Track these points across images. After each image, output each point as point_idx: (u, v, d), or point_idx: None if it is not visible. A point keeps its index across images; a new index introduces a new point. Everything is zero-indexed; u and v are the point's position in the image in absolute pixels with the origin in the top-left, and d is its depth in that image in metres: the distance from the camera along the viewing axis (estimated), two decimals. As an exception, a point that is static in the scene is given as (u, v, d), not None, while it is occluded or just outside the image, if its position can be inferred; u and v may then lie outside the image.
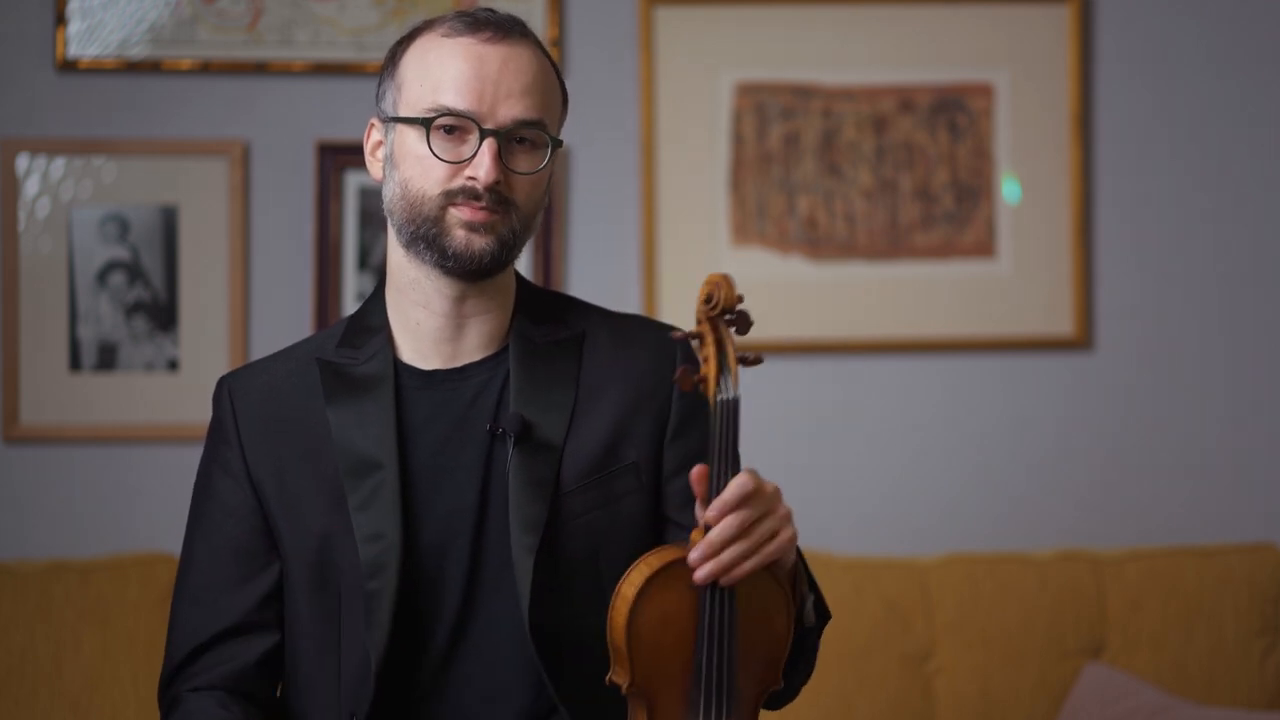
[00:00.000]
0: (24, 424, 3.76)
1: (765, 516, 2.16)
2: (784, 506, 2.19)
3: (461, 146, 2.29)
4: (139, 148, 3.79)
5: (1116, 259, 3.96)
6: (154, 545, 3.64)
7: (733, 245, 3.90)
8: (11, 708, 3.47)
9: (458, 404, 2.35)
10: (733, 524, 2.13)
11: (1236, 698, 3.69)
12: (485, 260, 2.30)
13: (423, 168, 2.29)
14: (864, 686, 3.64)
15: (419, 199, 2.30)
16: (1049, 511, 3.94)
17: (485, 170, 2.27)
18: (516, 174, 2.30)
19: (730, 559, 2.13)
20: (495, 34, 2.30)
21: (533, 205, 2.33)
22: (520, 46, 2.31)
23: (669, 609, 2.16)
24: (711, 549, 2.13)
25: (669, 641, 2.17)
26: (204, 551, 2.38)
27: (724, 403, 2.17)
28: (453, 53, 2.30)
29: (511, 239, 2.31)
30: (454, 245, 2.29)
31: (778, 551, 2.16)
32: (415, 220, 2.31)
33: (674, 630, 2.17)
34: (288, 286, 3.82)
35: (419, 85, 2.30)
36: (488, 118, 2.28)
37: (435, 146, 2.29)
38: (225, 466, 2.38)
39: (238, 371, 2.45)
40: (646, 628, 2.16)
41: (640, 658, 2.17)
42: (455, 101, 2.28)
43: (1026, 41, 3.93)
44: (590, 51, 3.87)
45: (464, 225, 2.29)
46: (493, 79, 2.28)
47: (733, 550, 2.13)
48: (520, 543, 2.28)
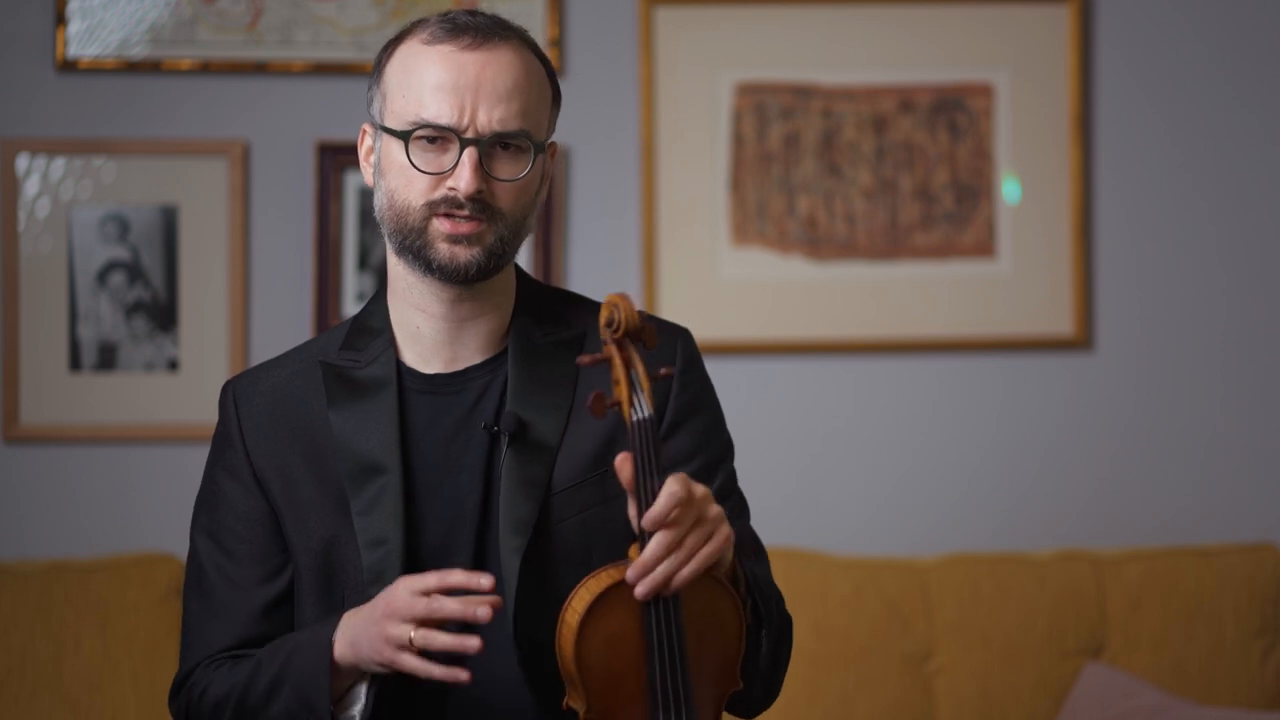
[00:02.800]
0: (24, 424, 3.76)
1: (698, 523, 2.15)
2: (714, 507, 2.18)
3: (443, 157, 2.28)
4: (139, 148, 3.79)
5: (1116, 259, 3.96)
6: (154, 545, 3.64)
7: (733, 245, 3.90)
8: (11, 707, 3.46)
9: (459, 407, 2.35)
10: (664, 539, 2.12)
11: (1236, 698, 3.69)
12: (471, 271, 2.29)
13: (405, 178, 2.29)
14: (864, 686, 3.64)
15: (404, 210, 2.30)
16: (1049, 511, 3.94)
17: (465, 181, 2.26)
18: (499, 181, 2.29)
19: (666, 572, 2.13)
20: (475, 39, 2.29)
21: (520, 210, 2.31)
22: (501, 50, 2.29)
23: (615, 630, 2.16)
24: (646, 566, 2.12)
25: (619, 662, 2.17)
26: (216, 556, 2.37)
27: (639, 422, 2.17)
28: (431, 61, 2.29)
29: (499, 246, 2.30)
30: (438, 258, 2.29)
31: (712, 556, 2.15)
32: (401, 231, 2.30)
33: (623, 650, 2.17)
34: (288, 286, 3.82)
35: (401, 96, 2.30)
36: (467, 128, 2.26)
37: (415, 158, 2.28)
38: (232, 471, 2.38)
39: (242, 375, 2.45)
40: (595, 652, 2.16)
41: (593, 682, 2.17)
42: (435, 114, 2.27)
43: (1026, 41, 3.93)
44: (590, 51, 3.87)
45: (446, 239, 2.28)
46: (471, 88, 2.27)
47: (668, 563, 2.13)
48: (508, 544, 2.28)
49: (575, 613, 2.17)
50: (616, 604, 2.16)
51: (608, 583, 2.17)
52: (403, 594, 2.19)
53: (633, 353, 2.20)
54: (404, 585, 2.19)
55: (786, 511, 3.86)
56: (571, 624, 2.17)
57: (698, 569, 2.14)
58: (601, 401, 2.17)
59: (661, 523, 2.12)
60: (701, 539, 2.15)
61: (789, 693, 3.48)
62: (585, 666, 2.16)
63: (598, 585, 2.17)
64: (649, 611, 2.15)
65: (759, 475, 3.75)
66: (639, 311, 2.20)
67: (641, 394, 2.18)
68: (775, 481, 3.85)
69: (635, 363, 2.20)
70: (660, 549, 2.12)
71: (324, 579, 2.32)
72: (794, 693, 3.56)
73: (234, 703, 2.31)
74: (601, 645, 2.16)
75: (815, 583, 3.65)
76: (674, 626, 2.15)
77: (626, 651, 2.17)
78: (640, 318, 2.20)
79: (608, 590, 2.17)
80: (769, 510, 3.62)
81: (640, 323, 2.19)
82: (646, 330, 2.20)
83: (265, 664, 2.30)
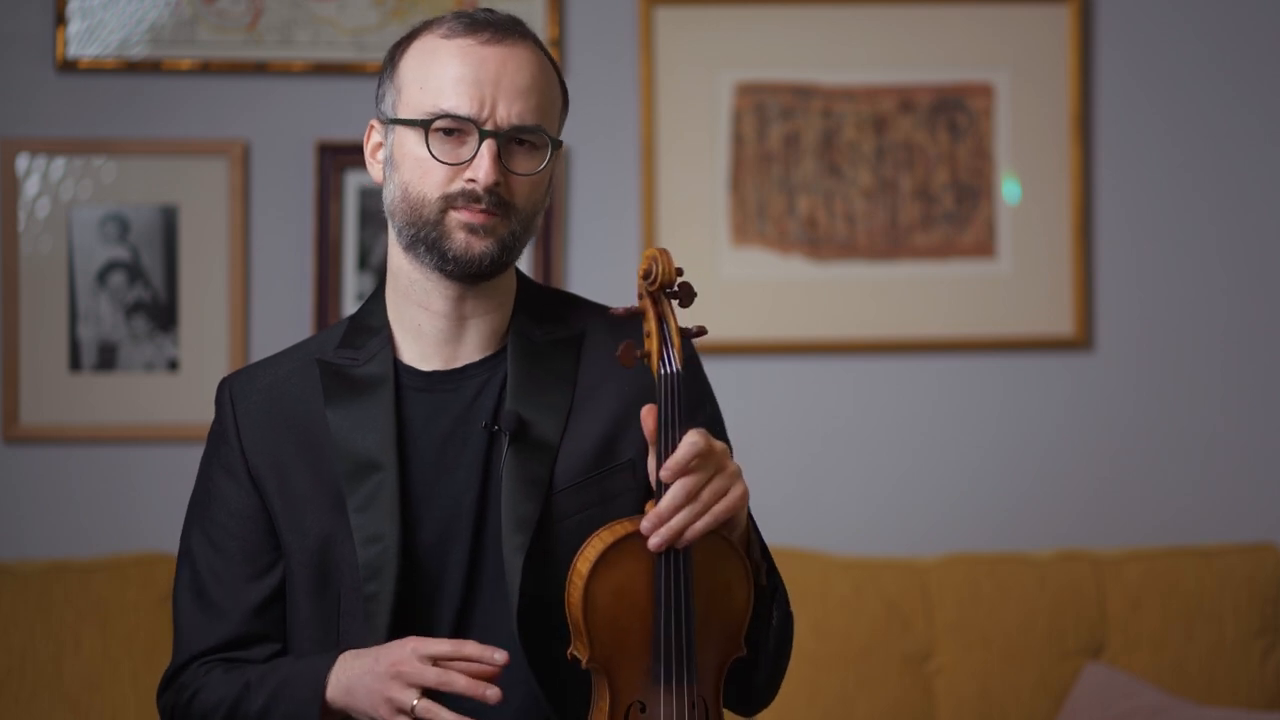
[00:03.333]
0: (24, 424, 3.76)
1: (715, 476, 2.17)
2: (733, 464, 2.20)
3: (461, 149, 2.29)
4: (139, 148, 3.79)
5: (1116, 259, 3.96)
6: (154, 545, 3.64)
7: (733, 245, 3.90)
8: (11, 707, 3.47)
9: (457, 405, 2.35)
10: (681, 489, 2.14)
11: (1236, 698, 3.69)
12: (485, 263, 2.30)
13: (422, 170, 2.29)
14: (864, 686, 3.64)
15: (419, 202, 2.30)
16: (1049, 511, 3.94)
17: (484, 172, 2.27)
18: (516, 175, 2.30)
19: (682, 522, 2.14)
20: (494, 35, 2.30)
21: (532, 206, 2.33)
22: (519, 47, 2.31)
23: (625, 581, 2.18)
24: (662, 516, 2.14)
25: (627, 614, 2.18)
26: (209, 553, 2.38)
27: (666, 376, 2.18)
28: (451, 55, 2.30)
29: (512, 241, 2.31)
30: (454, 248, 2.29)
31: (728, 510, 2.17)
32: (416, 223, 2.30)
33: (631, 602, 2.18)
34: (288, 286, 3.82)
35: (418, 88, 2.30)
36: (487, 120, 2.28)
37: (434, 149, 2.29)
38: (227, 468, 2.38)
39: (239, 373, 2.45)
40: (603, 601, 2.17)
41: (598, 632, 2.18)
42: (454, 105, 2.28)
43: (1026, 41, 3.93)
44: (590, 51, 3.87)
45: (464, 228, 2.29)
46: (491, 81, 2.28)
47: (684, 514, 2.15)
48: (511, 542, 2.28)
49: (587, 560, 2.18)
50: (628, 555, 2.17)
51: (621, 533, 2.18)
52: (411, 657, 2.19)
53: (666, 307, 2.21)
54: (412, 647, 2.20)
55: (787, 511, 3.86)
56: (582, 571, 2.17)
57: (712, 522, 2.16)
58: (631, 352, 2.18)
59: (682, 470, 2.13)
60: (718, 493, 2.16)
61: (789, 692, 3.48)
62: (592, 615, 2.17)
63: (611, 535, 2.19)
64: (660, 564, 2.16)
65: (759, 475, 3.74)
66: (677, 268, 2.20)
67: (672, 349, 2.19)
68: (775, 481, 3.85)
69: (669, 316, 2.21)
70: (677, 500, 2.14)
71: (320, 576, 2.32)
72: (794, 693, 3.56)
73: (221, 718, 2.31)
74: (610, 595, 2.17)
75: (815, 583, 3.65)
76: (684, 581, 2.16)
77: (635, 603, 2.18)
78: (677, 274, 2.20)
79: (621, 540, 2.18)
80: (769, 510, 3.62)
81: (677, 277, 2.20)
82: (684, 286, 2.21)
83: (255, 688, 2.30)
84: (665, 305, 2.21)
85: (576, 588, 2.18)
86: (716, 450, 2.17)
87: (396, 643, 2.22)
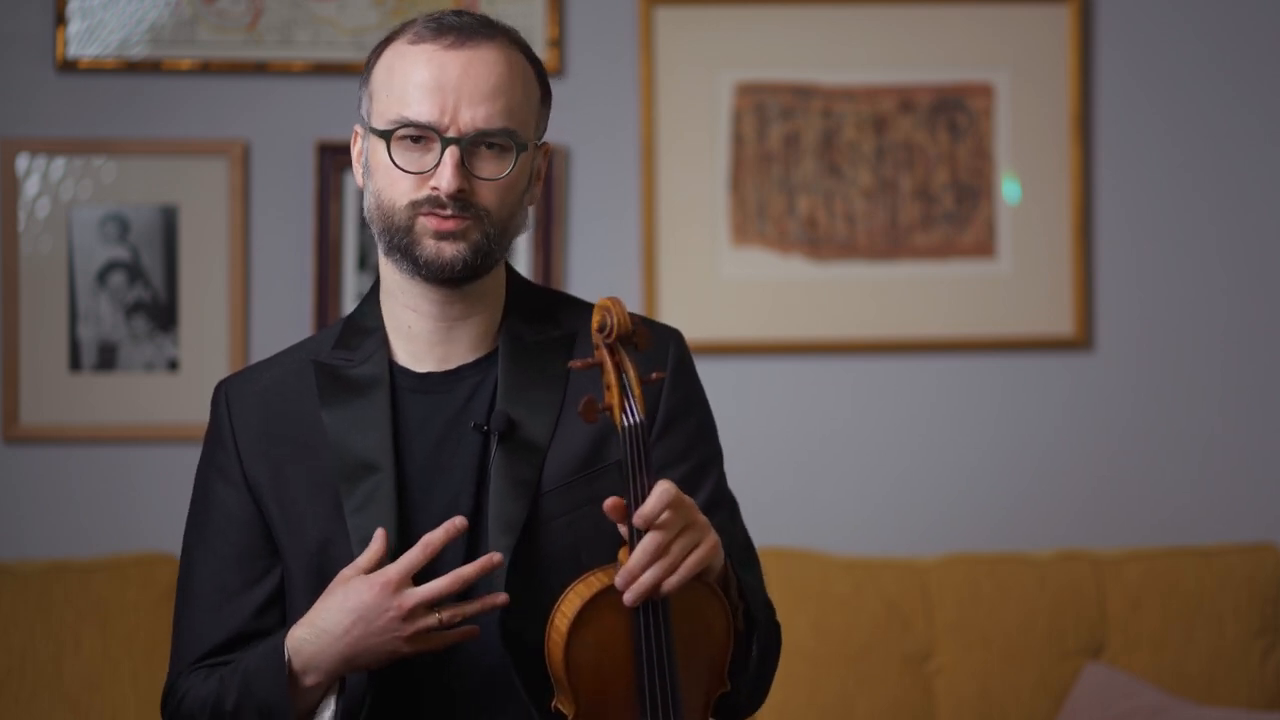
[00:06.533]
0: (24, 424, 3.76)
1: (685, 530, 2.17)
2: (702, 516, 2.20)
3: (425, 156, 2.28)
4: (139, 148, 3.79)
5: (1116, 259, 3.96)
6: (154, 545, 3.64)
7: (733, 245, 3.90)
8: (11, 707, 3.47)
9: (452, 406, 2.35)
10: (652, 542, 2.14)
11: (1236, 698, 3.69)
12: (457, 268, 2.29)
13: (390, 178, 2.30)
14: (864, 686, 3.64)
15: (390, 209, 2.30)
16: (1049, 511, 3.94)
17: (446, 180, 2.26)
18: (482, 180, 2.29)
19: (653, 579, 2.15)
20: (458, 39, 2.29)
21: (506, 210, 2.31)
22: (484, 49, 2.29)
23: (604, 635, 2.17)
24: (633, 573, 2.14)
25: (609, 666, 2.18)
26: (206, 557, 2.38)
27: (630, 427, 2.18)
28: (415, 61, 2.29)
29: (486, 244, 2.30)
30: (425, 254, 2.29)
31: (699, 563, 2.17)
32: (389, 230, 2.31)
33: (612, 654, 2.18)
34: (288, 286, 3.82)
35: (385, 96, 2.31)
36: (448, 127, 2.27)
37: (398, 158, 2.29)
38: (223, 472, 2.38)
39: (235, 376, 2.45)
40: (585, 657, 2.17)
41: (583, 686, 2.18)
42: (416, 113, 2.27)
43: (1026, 41, 3.93)
44: (590, 51, 3.87)
45: (433, 235, 2.29)
46: (453, 87, 2.27)
47: (655, 570, 2.15)
48: (498, 543, 2.28)
49: (565, 617, 2.17)
50: (606, 608, 2.17)
51: (597, 587, 2.18)
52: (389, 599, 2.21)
53: (624, 357, 2.20)
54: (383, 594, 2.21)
55: (786, 511, 3.86)
56: (561, 629, 2.17)
57: (685, 576, 2.16)
58: (593, 407, 2.18)
59: (653, 520, 2.13)
60: (688, 546, 2.17)
61: (789, 693, 3.49)
62: (575, 671, 2.17)
63: (587, 590, 2.18)
64: (638, 616, 2.16)
65: (758, 475, 3.77)
66: (631, 315, 2.20)
67: (633, 398, 2.18)
68: (774, 481, 3.85)
69: (627, 367, 2.20)
70: (646, 556, 2.14)
71: (318, 579, 2.32)
72: (794, 692, 3.57)
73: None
74: (591, 650, 2.17)
75: (814, 582, 3.65)
76: (663, 630, 2.17)
77: (616, 655, 2.18)
78: (632, 321, 2.20)
79: (597, 595, 2.17)
80: (768, 510, 3.63)
81: (632, 327, 2.20)
82: (639, 333, 2.20)
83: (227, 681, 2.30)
84: (622, 355, 2.20)
85: (557, 645, 2.17)
86: (686, 503, 2.18)
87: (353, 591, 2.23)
